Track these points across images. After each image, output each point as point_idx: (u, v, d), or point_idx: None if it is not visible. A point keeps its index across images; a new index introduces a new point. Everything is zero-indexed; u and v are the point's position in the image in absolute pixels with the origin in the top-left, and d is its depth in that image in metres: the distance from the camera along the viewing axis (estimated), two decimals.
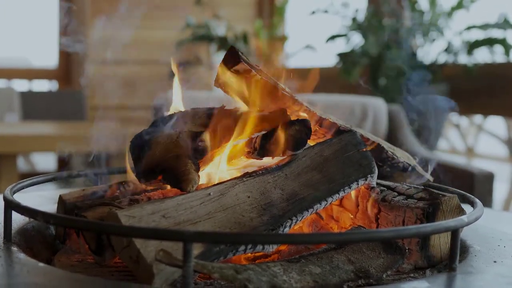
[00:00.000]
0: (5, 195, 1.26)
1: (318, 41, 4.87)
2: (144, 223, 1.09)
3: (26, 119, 5.17)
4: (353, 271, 1.14)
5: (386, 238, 1.17)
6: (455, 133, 6.43)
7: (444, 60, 4.07)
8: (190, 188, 1.18)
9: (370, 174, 1.34)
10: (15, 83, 6.54)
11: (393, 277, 1.19)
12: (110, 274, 1.19)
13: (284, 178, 1.28)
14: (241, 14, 5.95)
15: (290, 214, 1.22)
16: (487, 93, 4.02)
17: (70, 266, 1.23)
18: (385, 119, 3.44)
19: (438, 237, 1.24)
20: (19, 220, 1.37)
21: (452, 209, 1.24)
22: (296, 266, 1.11)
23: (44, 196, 1.68)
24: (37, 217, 1.13)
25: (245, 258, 1.26)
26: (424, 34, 4.11)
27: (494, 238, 1.39)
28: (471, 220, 1.17)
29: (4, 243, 1.23)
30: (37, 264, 1.12)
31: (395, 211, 1.28)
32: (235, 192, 1.21)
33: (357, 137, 1.38)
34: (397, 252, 1.21)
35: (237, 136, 1.29)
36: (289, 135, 1.29)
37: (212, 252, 1.10)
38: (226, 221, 1.16)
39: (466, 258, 1.24)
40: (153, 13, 5.97)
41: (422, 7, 4.16)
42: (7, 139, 3.78)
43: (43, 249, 1.34)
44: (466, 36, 4.01)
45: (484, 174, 2.73)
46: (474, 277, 1.12)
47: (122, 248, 1.09)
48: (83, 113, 5.40)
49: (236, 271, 1.03)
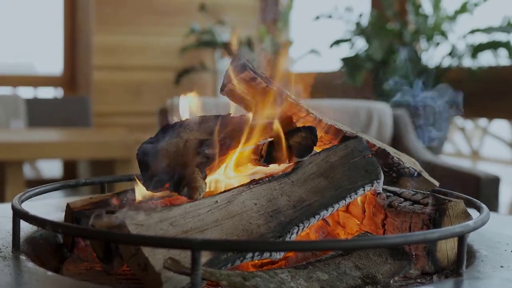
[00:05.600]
0: (14, 204, 1.26)
1: (322, 46, 4.88)
2: (152, 231, 1.09)
3: (32, 126, 5.19)
4: (360, 277, 1.14)
5: (393, 244, 1.17)
6: (460, 137, 6.43)
7: (448, 64, 4.07)
8: (197, 196, 1.18)
9: (376, 180, 1.35)
10: (21, 90, 6.56)
11: (400, 283, 1.20)
12: (118, 282, 1.19)
13: (291, 185, 1.28)
14: (245, 19, 5.96)
15: (297, 220, 1.22)
16: (492, 96, 4.02)
17: (78, 274, 1.24)
18: (390, 123, 3.44)
19: (444, 243, 1.24)
20: (27, 228, 1.38)
21: (459, 214, 1.25)
22: (304, 273, 1.11)
23: (51, 204, 1.68)
24: (46, 226, 1.13)
25: (253, 265, 1.26)
26: (428, 38, 4.11)
27: (501, 243, 1.39)
28: (477, 225, 1.17)
29: (13, 252, 1.24)
30: (45, 273, 1.13)
31: (401, 216, 1.28)
32: (242, 199, 1.22)
33: (363, 143, 1.39)
34: (404, 257, 1.21)
35: (244, 143, 1.29)
36: (295, 142, 1.29)
37: (220, 259, 1.10)
38: (234, 228, 1.17)
39: (473, 263, 1.24)
40: (157, 20, 5.98)
41: (426, 11, 4.16)
42: (13, 146, 3.79)
43: (51, 258, 1.34)
44: (470, 40, 4.01)
45: (490, 178, 2.73)
46: (481, 282, 1.12)
47: (130, 256, 1.09)
48: (88, 120, 5.42)
49: (244, 278, 1.03)
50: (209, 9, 5.43)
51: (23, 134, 4.54)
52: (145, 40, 5.98)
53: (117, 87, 5.88)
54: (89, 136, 4.54)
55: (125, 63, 5.93)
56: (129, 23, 5.92)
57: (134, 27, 5.93)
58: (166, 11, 6.00)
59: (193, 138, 1.28)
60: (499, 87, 4.00)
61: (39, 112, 5.35)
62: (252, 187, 1.25)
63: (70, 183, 1.54)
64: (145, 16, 5.96)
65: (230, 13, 5.51)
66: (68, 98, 6.12)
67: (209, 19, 5.45)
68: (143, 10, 5.96)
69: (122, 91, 5.86)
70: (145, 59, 5.96)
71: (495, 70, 4.02)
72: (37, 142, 3.93)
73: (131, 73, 5.92)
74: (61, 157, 4.74)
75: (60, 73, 6.55)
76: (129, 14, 5.92)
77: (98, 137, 4.44)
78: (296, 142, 1.29)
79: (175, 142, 1.28)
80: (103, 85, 5.87)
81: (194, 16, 5.59)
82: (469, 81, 3.91)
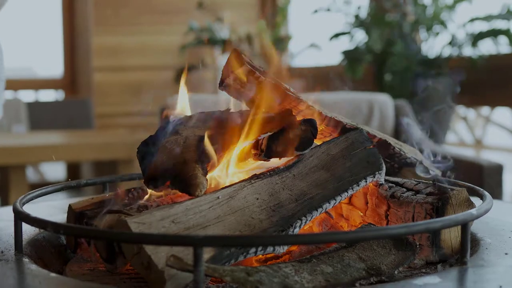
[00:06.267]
0: (15, 206, 1.26)
1: (322, 40, 4.87)
2: (154, 229, 1.09)
3: (34, 130, 5.19)
4: (364, 269, 1.13)
5: (396, 235, 1.16)
6: (462, 126, 6.41)
7: (448, 53, 4.06)
8: (198, 193, 1.18)
9: (378, 171, 1.34)
10: (21, 94, 6.56)
11: (405, 273, 1.19)
12: (122, 282, 1.19)
13: (292, 178, 1.28)
14: (243, 15, 5.95)
15: (299, 214, 1.22)
16: (493, 84, 4.01)
17: (82, 275, 1.24)
18: (392, 114, 3.44)
19: (448, 232, 1.24)
20: (29, 231, 1.37)
21: (462, 202, 1.24)
22: (308, 266, 1.10)
23: (54, 206, 1.68)
24: (47, 227, 1.13)
25: (256, 260, 1.26)
26: (427, 28, 4.10)
27: (505, 230, 1.38)
28: (480, 213, 1.16)
29: (16, 255, 1.24)
30: (48, 275, 1.12)
31: (404, 207, 1.28)
32: (244, 194, 1.21)
33: (363, 134, 1.38)
34: (408, 248, 1.21)
35: (244, 138, 1.29)
36: (295, 135, 1.29)
37: (222, 255, 1.10)
38: (236, 224, 1.16)
39: (477, 251, 1.23)
40: (155, 19, 5.98)
41: (424, 1, 4.15)
42: (15, 150, 3.79)
43: (54, 259, 1.34)
44: (470, 28, 4.01)
45: (493, 166, 2.72)
46: (486, 270, 1.12)
47: (133, 255, 1.09)
48: (90, 121, 5.42)
49: (247, 273, 1.03)
50: (207, 7, 5.42)
51: (25, 138, 4.55)
52: (144, 40, 5.97)
53: (117, 87, 5.88)
54: (91, 137, 4.54)
55: (125, 64, 5.92)
56: (127, 24, 5.92)
57: (133, 28, 5.93)
58: (165, 10, 5.99)
59: (192, 135, 1.28)
60: (501, 75, 3.99)
61: (40, 115, 5.35)
62: (253, 182, 1.24)
63: (71, 184, 1.54)
64: (144, 16, 5.96)
65: (228, 9, 5.49)
66: (70, 101, 6.11)
67: (208, 16, 5.44)
68: (141, 10, 5.96)
69: (123, 92, 5.85)
70: (145, 59, 5.96)
71: (496, 58, 4.01)
72: (39, 146, 3.93)
73: (131, 73, 5.92)
74: (64, 160, 4.74)
75: (61, 76, 6.56)
76: (128, 14, 5.91)
77: (100, 138, 4.44)
78: (296, 136, 1.29)
79: (175, 139, 1.28)
80: (103, 86, 5.87)
81: (193, 14, 5.57)
82: (470, 70, 3.90)
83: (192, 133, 1.29)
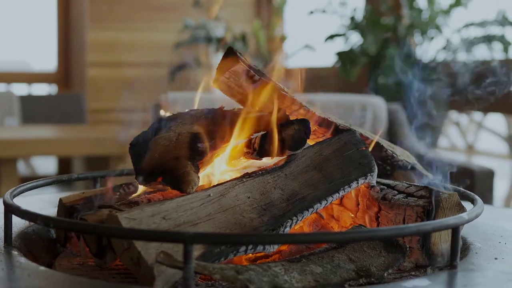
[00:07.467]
0: (5, 199, 1.26)
1: (317, 41, 4.87)
2: (145, 225, 1.09)
3: (26, 123, 5.17)
4: (354, 270, 1.14)
5: (387, 236, 1.17)
6: (455, 131, 6.43)
7: (443, 58, 4.07)
8: (190, 190, 1.18)
9: (370, 173, 1.34)
10: (15, 87, 6.54)
11: (394, 276, 1.19)
12: (111, 277, 1.19)
13: (284, 178, 1.28)
14: (239, 14, 5.95)
15: (290, 214, 1.22)
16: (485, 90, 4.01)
17: (71, 269, 1.23)
18: (385, 117, 3.44)
19: (439, 235, 1.24)
20: (19, 224, 1.37)
21: (453, 206, 1.24)
22: (297, 266, 1.10)
23: (44, 199, 1.68)
24: (37, 220, 1.13)
25: (246, 259, 1.25)
26: (422, 32, 4.11)
27: (495, 235, 1.38)
28: (471, 217, 1.17)
29: (5, 247, 1.24)
30: (38, 268, 1.12)
31: (395, 209, 1.28)
32: (235, 193, 1.21)
33: (356, 136, 1.38)
34: (398, 250, 1.21)
35: (236, 137, 1.29)
36: (288, 135, 1.29)
37: (212, 253, 1.10)
38: (227, 222, 1.16)
39: (467, 255, 1.24)
40: (151, 16, 5.97)
41: (420, 5, 4.16)
42: (7, 143, 3.78)
43: (43, 253, 1.34)
44: (465, 34, 4.01)
45: (484, 171, 2.73)
46: (475, 274, 1.12)
47: (123, 251, 1.09)
48: (83, 116, 5.40)
49: (237, 271, 1.03)
50: (203, 5, 5.41)
51: (17, 131, 4.53)
52: (139, 36, 5.96)
53: (111, 83, 5.86)
54: (84, 132, 4.53)
55: (120, 60, 5.91)
56: (123, 20, 5.91)
57: (128, 24, 5.92)
58: (160, 7, 5.98)
59: (185, 132, 1.28)
60: None
61: (33, 109, 5.33)
62: (245, 180, 1.24)
63: (63, 178, 1.53)
64: (139, 13, 5.95)
65: (224, 8, 5.49)
66: (63, 95, 6.10)
67: (204, 14, 5.43)
68: (137, 6, 5.95)
69: (117, 88, 5.84)
70: (140, 55, 5.95)
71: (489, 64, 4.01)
72: (31, 139, 3.92)
73: (125, 69, 5.90)
74: (56, 154, 4.73)
75: (55, 70, 6.54)
76: (123, 10, 5.90)
77: (92, 133, 4.43)
78: (289, 135, 1.28)
79: (168, 136, 1.28)
80: (97, 82, 5.86)
81: (188, 11, 5.57)
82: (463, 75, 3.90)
83: (185, 130, 1.29)
